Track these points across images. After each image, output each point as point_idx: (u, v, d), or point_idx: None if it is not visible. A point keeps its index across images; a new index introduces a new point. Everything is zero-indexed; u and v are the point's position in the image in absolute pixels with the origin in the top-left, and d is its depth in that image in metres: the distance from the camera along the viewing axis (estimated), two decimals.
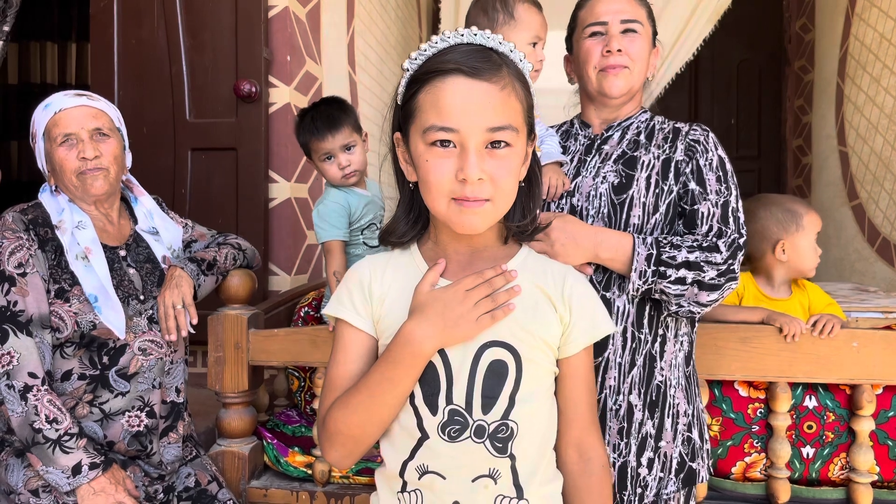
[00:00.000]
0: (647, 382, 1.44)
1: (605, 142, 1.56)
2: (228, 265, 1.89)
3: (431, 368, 1.04)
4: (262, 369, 2.03)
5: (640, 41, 1.52)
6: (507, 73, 1.02)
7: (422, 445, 1.03)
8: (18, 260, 1.58)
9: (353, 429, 1.04)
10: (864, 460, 1.73)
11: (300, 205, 2.89)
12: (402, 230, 1.12)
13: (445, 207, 1.02)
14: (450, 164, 0.99)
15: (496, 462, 1.02)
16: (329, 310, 1.12)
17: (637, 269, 1.37)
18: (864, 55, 4.15)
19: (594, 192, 1.47)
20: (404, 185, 1.11)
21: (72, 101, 1.70)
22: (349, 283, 1.12)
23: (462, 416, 1.02)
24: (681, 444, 1.46)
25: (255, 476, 1.95)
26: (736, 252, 1.39)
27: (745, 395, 1.78)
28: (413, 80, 1.04)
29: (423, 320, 1.02)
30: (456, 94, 0.99)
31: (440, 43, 1.03)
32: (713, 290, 1.37)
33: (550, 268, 1.13)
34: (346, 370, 1.08)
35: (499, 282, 1.04)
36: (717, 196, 1.44)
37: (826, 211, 4.68)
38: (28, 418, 1.51)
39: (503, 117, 1.00)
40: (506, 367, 1.03)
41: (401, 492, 1.06)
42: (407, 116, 1.05)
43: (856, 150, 4.25)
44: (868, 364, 1.70)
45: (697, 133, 1.52)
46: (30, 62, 5.02)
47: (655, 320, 1.46)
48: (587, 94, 1.60)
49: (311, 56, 3.00)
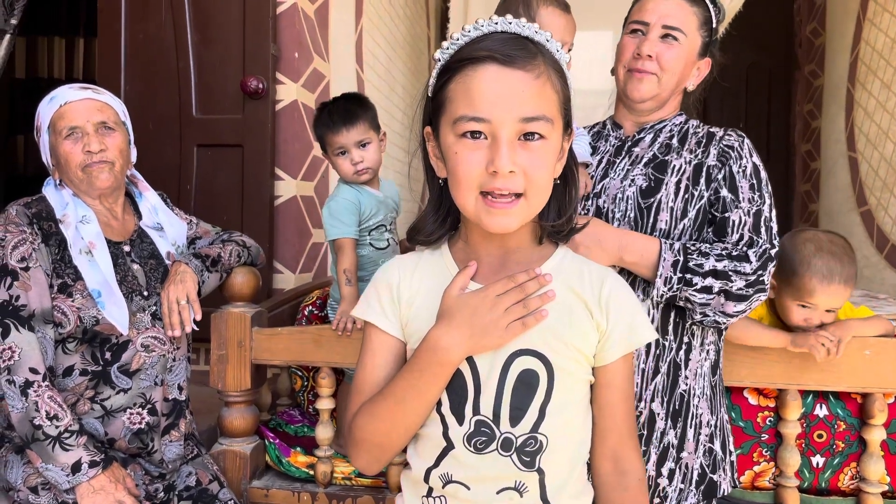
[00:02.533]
0: (670, 391, 1.41)
1: (635, 144, 1.53)
2: (233, 262, 1.87)
3: (459, 376, 1.00)
4: (265, 368, 2.01)
5: (679, 50, 1.46)
6: (542, 61, 0.95)
7: (447, 454, 1.00)
8: (21, 254, 1.57)
9: (379, 436, 1.01)
10: (875, 470, 1.71)
11: (306, 202, 2.88)
12: (430, 228, 1.07)
13: (474, 204, 0.96)
14: (480, 156, 0.94)
15: (523, 476, 0.98)
16: (357, 312, 1.09)
17: (662, 276, 1.33)
18: (874, 60, 4.11)
19: (621, 195, 1.44)
20: (434, 182, 1.06)
21: (77, 94, 1.69)
22: (378, 284, 1.08)
23: (489, 427, 0.98)
24: (702, 456, 1.43)
25: (256, 476, 1.93)
26: (767, 263, 1.35)
27: (755, 403, 1.76)
28: (444, 69, 0.99)
29: (451, 327, 0.97)
30: (488, 82, 0.93)
31: (473, 31, 0.98)
32: (740, 301, 1.34)
33: (588, 270, 1.05)
34: (374, 375, 1.05)
35: (531, 287, 0.98)
36: (749, 204, 1.40)
37: (834, 217, 4.65)
38: (28, 414, 1.50)
39: (537, 107, 0.94)
40: (536, 378, 0.98)
41: (426, 496, 1.03)
42: (437, 108, 1.00)
43: (865, 155, 4.22)
44: (880, 372, 1.67)
45: (732, 139, 1.47)
46: (37, 57, 5.02)
47: (681, 327, 1.42)
48: (618, 93, 1.57)
49: (319, 53, 2.98)
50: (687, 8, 1.46)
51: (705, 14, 1.48)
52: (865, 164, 4.21)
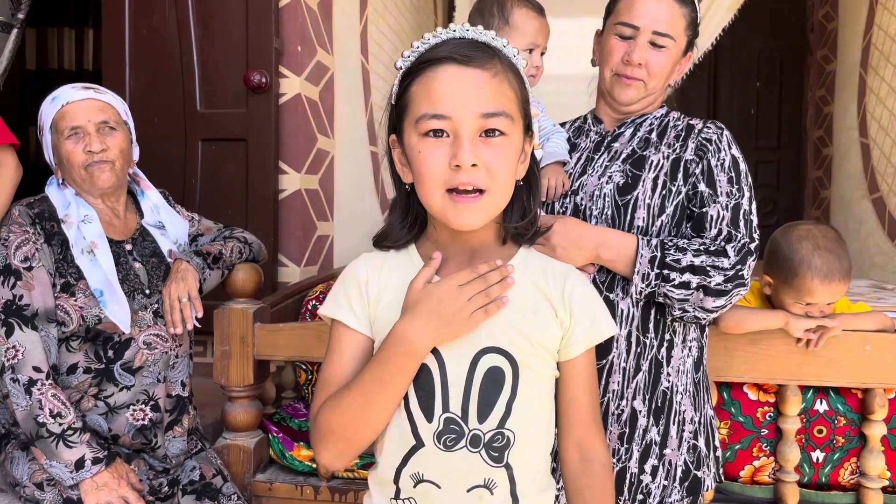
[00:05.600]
0: (652, 388, 1.41)
1: (615, 139, 1.52)
2: (234, 259, 1.89)
3: (426, 372, 1.01)
4: (268, 363, 2.03)
5: (666, 56, 1.45)
6: (499, 62, 1.00)
7: (416, 452, 1.02)
8: (24, 254, 1.59)
9: (345, 430, 1.02)
10: (875, 465, 1.70)
11: (310, 195, 2.88)
12: (398, 234, 1.09)
13: (440, 201, 0.99)
14: (443, 154, 0.97)
15: (492, 472, 1.01)
16: (324, 310, 1.10)
17: (640, 272, 1.33)
18: (887, 45, 4.05)
19: (598, 193, 1.44)
20: (401, 188, 1.09)
21: (79, 94, 1.70)
22: (346, 282, 1.09)
23: (458, 424, 1.00)
24: (686, 452, 1.43)
25: (260, 470, 1.96)
26: (746, 257, 1.34)
27: (755, 398, 1.75)
28: (405, 74, 1.02)
29: (416, 318, 0.99)
30: (448, 80, 0.97)
31: (432, 39, 1.02)
32: (719, 296, 1.33)
33: (551, 268, 1.09)
34: (341, 371, 1.06)
35: (493, 277, 1.00)
36: (727, 198, 1.40)
37: (846, 203, 4.60)
38: (32, 412, 1.52)
39: (496, 103, 0.97)
40: (503, 375, 1.01)
41: (394, 498, 1.04)
42: (401, 112, 1.03)
43: (877, 141, 4.17)
44: (881, 368, 1.66)
45: (710, 131, 1.46)
46: (47, 48, 5.04)
47: (662, 324, 1.42)
48: (600, 89, 1.56)
49: (323, 46, 2.97)
50: (676, 10, 1.44)
51: (692, 14, 1.47)
52: (877, 150, 4.16)
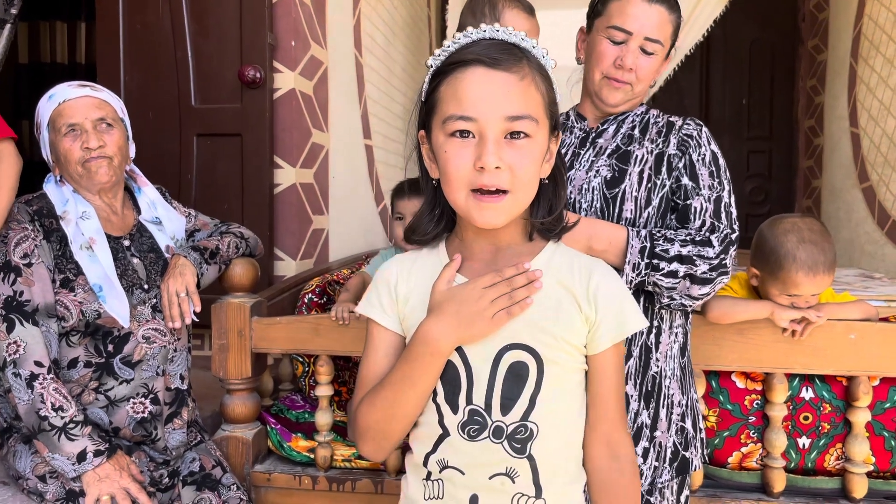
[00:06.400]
0: (642, 373, 1.46)
1: (599, 135, 1.56)
2: (231, 253, 1.91)
3: (452, 368, 1.05)
4: (266, 356, 2.06)
5: (654, 61, 1.50)
6: (527, 65, 1.02)
7: (443, 441, 1.06)
8: (24, 251, 1.61)
9: (380, 424, 1.07)
10: (860, 451, 1.74)
11: (305, 190, 2.91)
12: (426, 228, 1.13)
13: (464, 200, 1.01)
14: (468, 154, 0.99)
15: (514, 462, 1.03)
16: (360, 309, 1.16)
17: (630, 262, 1.38)
18: (877, 36, 4.08)
19: (587, 186, 1.48)
20: (428, 183, 1.12)
21: (76, 92, 1.72)
22: (377, 283, 1.15)
23: (481, 416, 1.03)
24: (674, 434, 1.49)
25: (258, 460, 1.99)
26: (728, 247, 1.40)
27: (742, 386, 1.79)
28: (435, 74, 1.05)
29: (439, 319, 1.03)
30: (475, 83, 0.99)
31: (463, 39, 1.04)
32: (705, 284, 1.39)
33: (577, 263, 1.10)
34: (376, 368, 1.11)
35: (519, 281, 1.02)
36: (709, 191, 1.45)
37: (837, 193, 4.64)
38: (34, 406, 1.55)
39: (522, 107, 0.99)
40: (526, 370, 1.03)
41: (426, 479, 1.09)
42: (429, 110, 1.06)
43: (867, 131, 4.20)
44: (865, 356, 1.70)
45: (690, 128, 1.52)
46: (40, 41, 5.03)
47: (650, 312, 1.47)
48: (586, 88, 1.59)
49: (317, 40, 2.99)
50: (666, 17, 1.48)
51: (678, 21, 1.52)
52: (867, 140, 4.20)
